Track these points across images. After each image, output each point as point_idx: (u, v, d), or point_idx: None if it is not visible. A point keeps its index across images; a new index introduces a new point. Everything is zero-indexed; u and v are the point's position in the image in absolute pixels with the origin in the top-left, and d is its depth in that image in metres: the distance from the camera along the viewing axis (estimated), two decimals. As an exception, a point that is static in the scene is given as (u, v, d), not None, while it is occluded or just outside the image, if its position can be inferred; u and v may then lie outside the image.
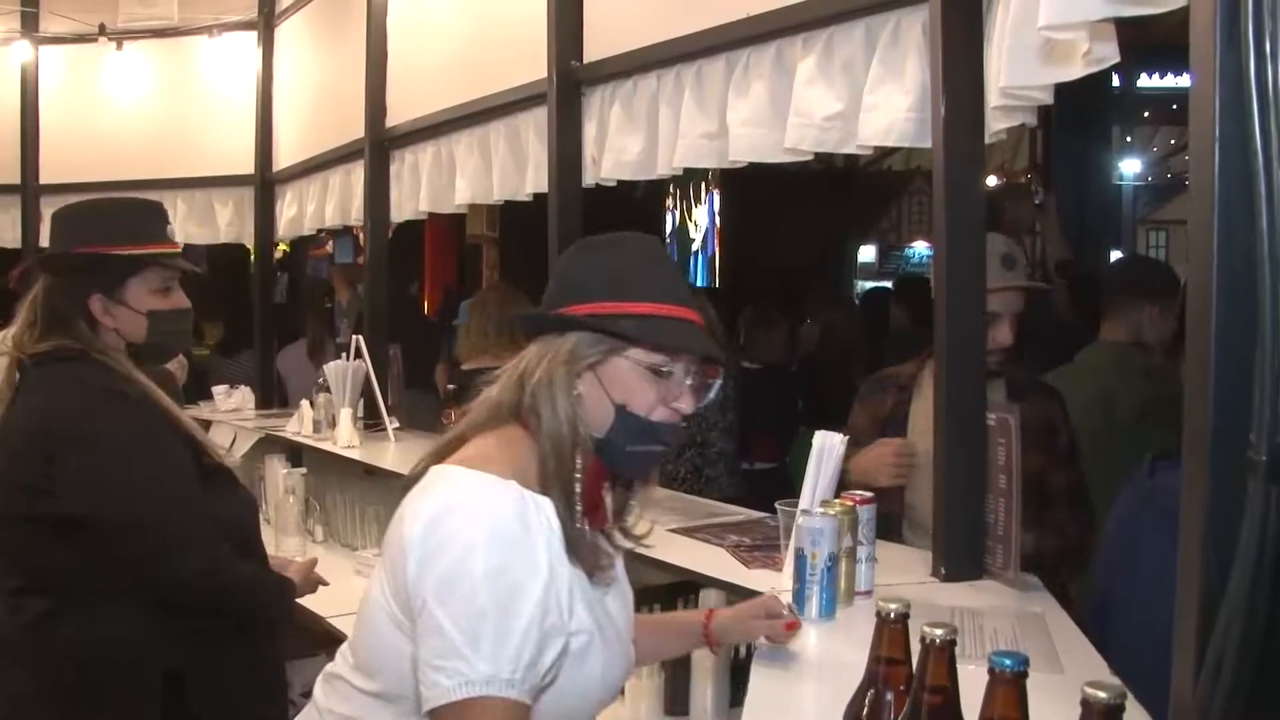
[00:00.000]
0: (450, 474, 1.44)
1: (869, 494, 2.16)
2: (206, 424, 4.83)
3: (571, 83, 3.41)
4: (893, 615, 1.19)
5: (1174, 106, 18.71)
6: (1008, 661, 0.98)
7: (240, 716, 2.21)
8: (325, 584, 2.50)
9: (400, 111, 4.49)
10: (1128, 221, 20.19)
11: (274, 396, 5.62)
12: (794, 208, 11.52)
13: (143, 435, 2.11)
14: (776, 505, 2.29)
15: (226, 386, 5.40)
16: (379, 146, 4.56)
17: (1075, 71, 1.82)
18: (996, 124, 2.24)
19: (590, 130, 3.40)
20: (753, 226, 11.80)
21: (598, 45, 3.39)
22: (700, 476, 4.22)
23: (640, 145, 3.20)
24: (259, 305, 5.77)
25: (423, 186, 4.29)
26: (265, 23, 5.63)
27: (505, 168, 3.79)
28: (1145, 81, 18.87)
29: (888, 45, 2.46)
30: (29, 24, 6.00)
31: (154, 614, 2.09)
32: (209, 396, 5.36)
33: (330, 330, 6.40)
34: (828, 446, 2.26)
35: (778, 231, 11.47)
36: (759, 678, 1.74)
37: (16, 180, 6.07)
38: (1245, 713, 0.79)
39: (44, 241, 5.65)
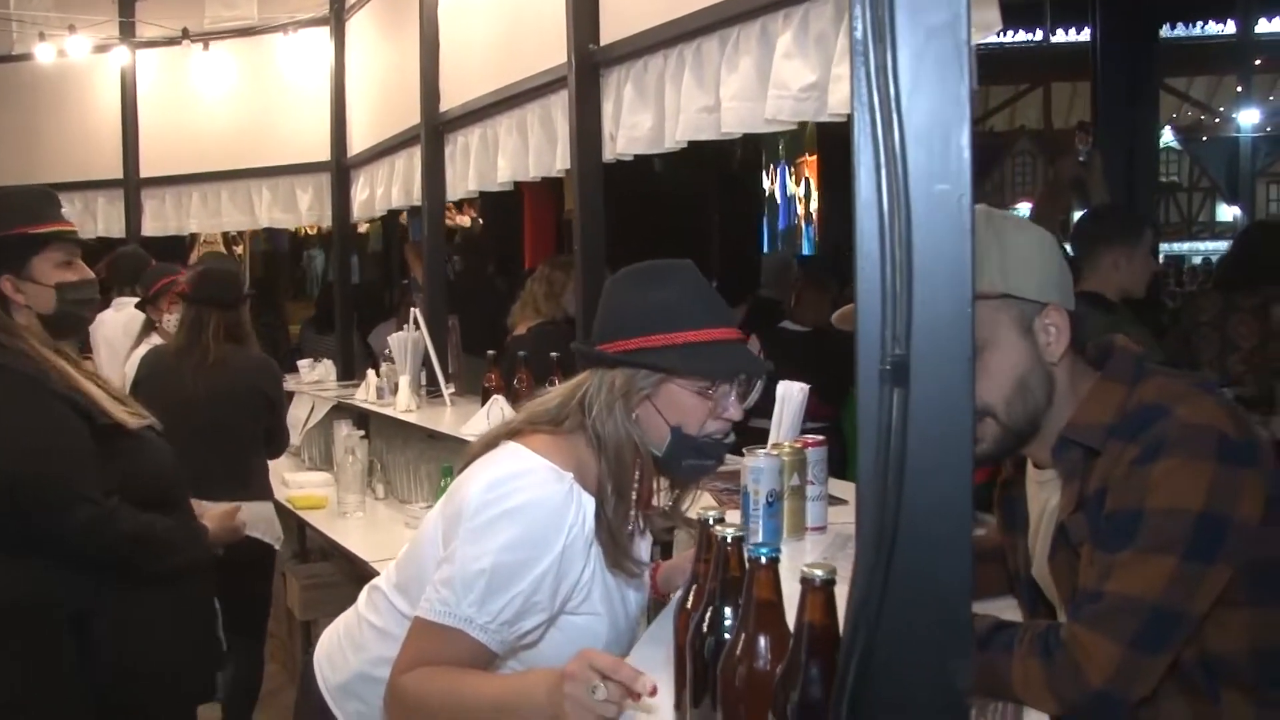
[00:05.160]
0: (520, 452, 1.70)
1: (820, 437, 2.35)
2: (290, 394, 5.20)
3: (590, 65, 3.63)
4: (728, 539, 1.34)
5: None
6: (764, 549, 1.18)
7: (152, 659, 2.40)
8: (272, 542, 2.67)
9: (452, 96, 4.76)
10: (1246, 175, 19.55)
11: (355, 369, 5.97)
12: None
13: (20, 400, 2.29)
14: (744, 450, 2.49)
15: (310, 360, 5.78)
16: (434, 130, 4.85)
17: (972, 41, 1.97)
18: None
19: (608, 109, 3.62)
20: (850, 194, 11.75)
21: (614, 28, 3.60)
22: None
23: (650, 121, 3.40)
24: (338, 284, 6.14)
25: (471, 166, 4.56)
26: (336, 18, 5.97)
27: (540, 146, 4.03)
28: (1265, 27, 18.19)
29: (854, 18, 2.61)
30: (126, 31, 6.46)
31: (54, 565, 2.28)
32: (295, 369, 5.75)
33: (412, 305, 6.74)
34: (789, 394, 2.46)
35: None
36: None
37: (119, 175, 6.55)
38: (883, 585, 0.98)
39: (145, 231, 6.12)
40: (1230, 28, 18.28)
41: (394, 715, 1.69)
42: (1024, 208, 14.80)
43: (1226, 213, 19.09)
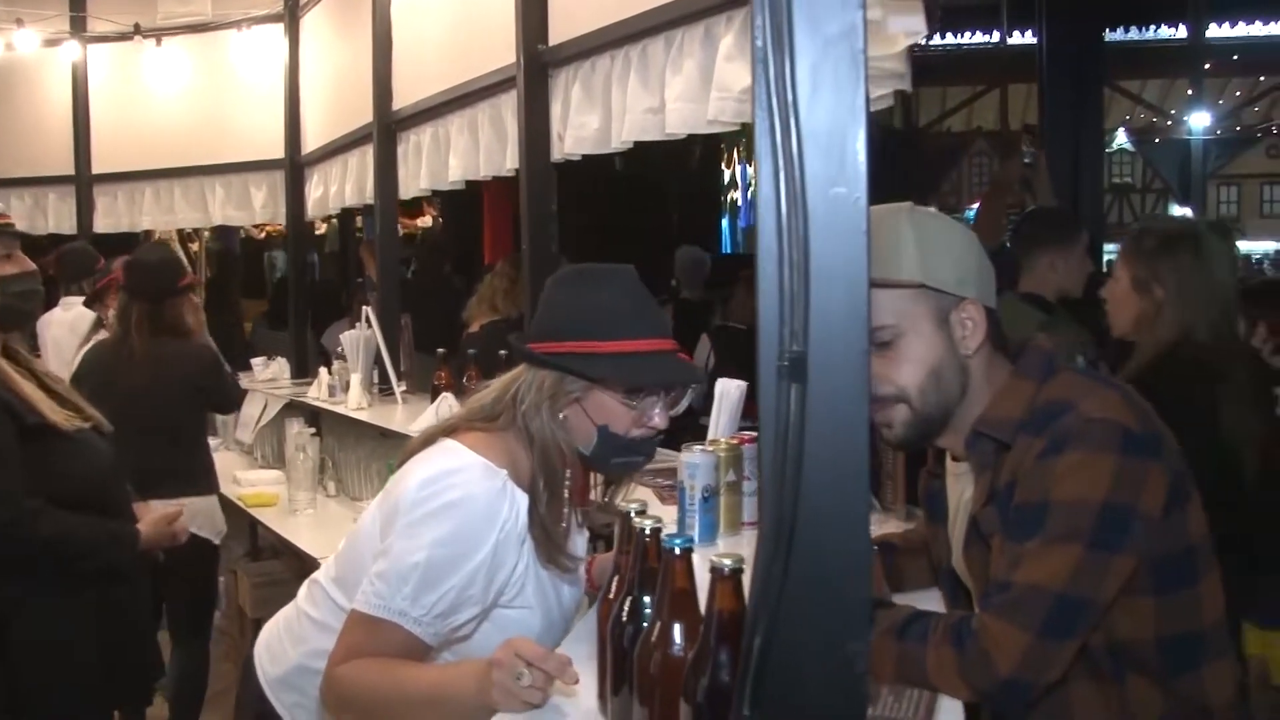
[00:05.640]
0: (455, 449, 1.73)
1: (756, 434, 2.39)
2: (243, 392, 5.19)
3: (538, 65, 3.65)
4: (646, 531, 1.39)
5: (1234, 57, 18.34)
6: (679, 540, 1.22)
7: (75, 664, 2.41)
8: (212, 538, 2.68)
9: (404, 95, 4.77)
10: (1198, 177, 19.85)
11: (309, 367, 5.96)
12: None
13: None
14: (682, 446, 2.53)
15: (265, 358, 5.76)
16: (386, 129, 4.86)
17: (898, 46, 2.03)
18: (876, 91, 2.45)
19: (556, 109, 3.65)
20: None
21: (562, 28, 3.63)
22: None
23: (598, 122, 3.43)
24: (292, 282, 6.13)
25: (423, 165, 4.58)
26: (290, 15, 5.96)
27: (490, 146, 4.05)
28: (1215, 31, 18.48)
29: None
30: (77, 25, 6.41)
31: None
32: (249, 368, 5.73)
33: (366, 304, 6.73)
34: (726, 391, 2.50)
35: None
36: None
37: (71, 171, 6.50)
38: (783, 573, 1.02)
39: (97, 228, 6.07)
40: (1182, 32, 18.58)
41: (329, 706, 1.73)
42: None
43: (1178, 214, 19.36)
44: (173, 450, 3.68)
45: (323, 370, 4.72)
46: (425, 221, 10.07)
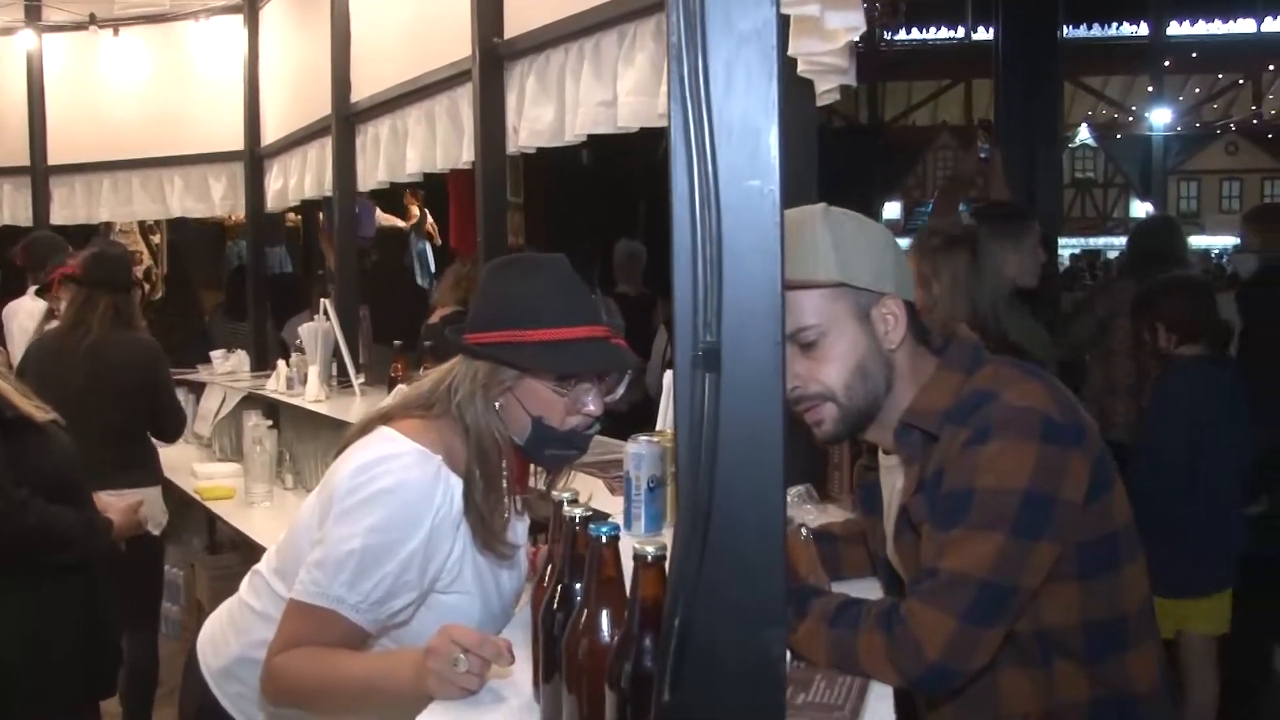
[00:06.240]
0: (391, 435, 1.74)
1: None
2: (195, 385, 5.18)
3: (494, 58, 3.67)
4: (575, 519, 1.40)
5: (1193, 55, 18.55)
6: (605, 528, 1.24)
7: (52, 650, 2.44)
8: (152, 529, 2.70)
9: (363, 87, 4.77)
10: (1158, 172, 20.10)
11: (269, 360, 5.94)
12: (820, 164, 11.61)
13: None
14: (629, 437, 2.55)
15: (224, 351, 5.73)
16: (345, 121, 4.85)
17: (839, 42, 2.05)
18: (821, 86, 2.47)
19: (512, 101, 3.66)
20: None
21: (517, 22, 3.64)
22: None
23: (551, 115, 3.45)
24: (251, 273, 6.10)
25: (380, 157, 4.57)
26: (250, 6, 5.93)
27: (447, 138, 4.06)
28: (1175, 29, 18.70)
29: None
30: (31, 15, 6.35)
31: None
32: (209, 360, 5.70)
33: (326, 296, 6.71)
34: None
35: (794, 193, 11.57)
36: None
37: (26, 162, 6.44)
38: (699, 560, 1.03)
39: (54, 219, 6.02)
40: (1144, 29, 18.81)
41: (269, 696, 1.73)
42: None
43: (1139, 209, 19.60)
44: (119, 442, 3.67)
45: (281, 363, 4.71)
46: (414, 210, 9.98)
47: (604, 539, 1.25)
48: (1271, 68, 19.61)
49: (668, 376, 2.55)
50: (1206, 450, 3.33)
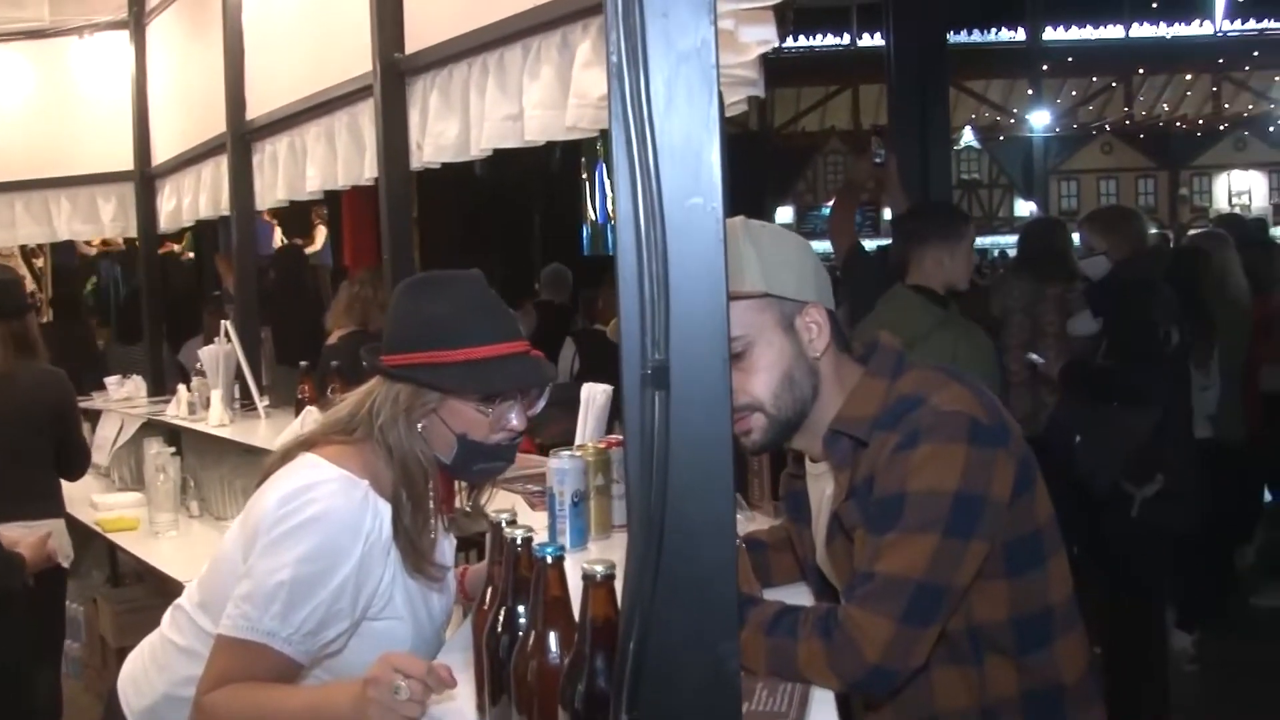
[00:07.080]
0: (314, 462, 1.71)
1: (622, 437, 2.42)
2: (91, 413, 5.02)
3: (395, 73, 3.62)
4: (517, 540, 1.39)
5: (1069, 59, 19.20)
6: (550, 548, 1.24)
7: None
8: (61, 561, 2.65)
9: (259, 104, 4.67)
10: (1040, 172, 20.74)
11: (166, 385, 5.78)
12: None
13: None
14: (550, 452, 2.54)
15: (119, 376, 5.56)
16: (241, 139, 4.75)
17: (751, 54, 2.08)
18: (730, 97, 2.50)
19: (415, 117, 3.62)
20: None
21: (419, 37, 3.60)
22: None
23: (456, 129, 3.42)
24: (145, 297, 5.93)
25: (279, 175, 4.49)
26: (136, 21, 5.76)
27: (348, 155, 4.00)
28: (1051, 35, 19.32)
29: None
30: (-97, 29, 6.08)
31: None
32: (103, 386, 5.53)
33: (224, 317, 6.56)
34: (593, 396, 2.52)
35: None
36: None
37: (-100, 184, 6.16)
38: (653, 576, 1.03)
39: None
40: (1021, 34, 19.41)
41: None
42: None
43: (1023, 208, 20.20)
44: (21, 473, 3.54)
45: (181, 387, 4.59)
46: (320, 235, 9.76)
47: (549, 559, 1.25)
48: (1141, 71, 20.39)
49: (585, 389, 2.55)
50: None
